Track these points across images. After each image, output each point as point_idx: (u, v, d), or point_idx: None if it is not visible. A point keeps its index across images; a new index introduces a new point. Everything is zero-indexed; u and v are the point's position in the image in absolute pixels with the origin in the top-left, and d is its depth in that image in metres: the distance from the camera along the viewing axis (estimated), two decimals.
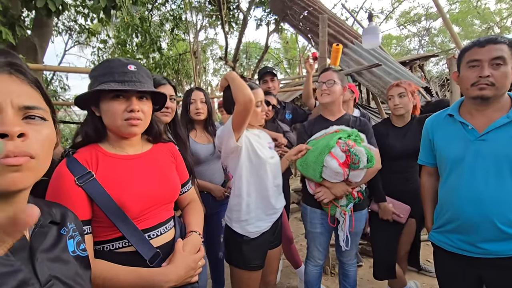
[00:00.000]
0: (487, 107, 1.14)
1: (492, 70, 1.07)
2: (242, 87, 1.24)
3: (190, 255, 0.93)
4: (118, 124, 0.89)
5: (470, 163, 1.15)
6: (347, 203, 1.66)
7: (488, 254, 1.12)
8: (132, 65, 0.91)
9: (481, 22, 17.29)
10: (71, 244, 0.62)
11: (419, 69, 5.25)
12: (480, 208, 1.11)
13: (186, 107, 1.93)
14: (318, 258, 1.86)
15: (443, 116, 1.30)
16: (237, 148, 1.35)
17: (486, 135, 1.12)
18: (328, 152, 1.56)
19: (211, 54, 16.25)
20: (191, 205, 1.16)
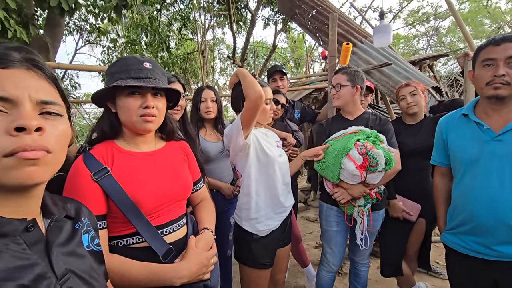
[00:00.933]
0: (503, 107, 1.12)
1: (508, 69, 1.05)
2: (253, 83, 1.25)
3: (203, 252, 0.94)
4: (134, 120, 0.90)
5: (485, 164, 1.12)
6: (365, 204, 1.64)
7: (503, 257, 1.09)
8: (147, 62, 0.92)
9: (492, 21, 16.95)
10: (86, 238, 0.62)
11: (429, 68, 5.18)
12: (496, 210, 1.08)
13: (196, 106, 1.94)
14: (333, 263, 1.77)
15: (458, 116, 1.28)
16: (245, 146, 1.35)
17: (502, 136, 1.10)
18: (346, 155, 1.53)
19: (218, 54, 16.30)
20: (203, 203, 1.17)
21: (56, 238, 0.55)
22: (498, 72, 1.06)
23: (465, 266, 1.22)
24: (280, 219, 1.44)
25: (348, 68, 1.77)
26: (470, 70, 1.23)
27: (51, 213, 0.57)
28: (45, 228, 0.55)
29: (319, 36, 4.34)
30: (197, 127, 1.95)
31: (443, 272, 2.45)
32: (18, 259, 0.46)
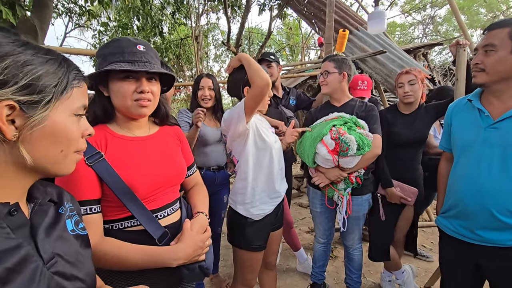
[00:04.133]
0: (502, 93, 1.11)
1: (484, 57, 1.10)
2: (259, 70, 1.24)
3: (198, 235, 0.96)
4: (128, 104, 0.90)
5: (478, 151, 1.14)
6: (345, 187, 1.71)
7: (485, 241, 1.12)
8: (141, 45, 0.90)
9: (487, 11, 16.90)
10: (69, 223, 0.62)
11: (423, 57, 5.18)
12: (480, 196, 1.11)
13: (195, 93, 1.99)
14: (320, 236, 2.00)
15: (464, 102, 1.28)
16: (245, 132, 1.36)
17: (499, 123, 1.10)
18: (320, 140, 1.59)
19: (212, 40, 15.97)
20: (196, 187, 1.19)
21: (41, 222, 0.54)
22: (475, 60, 1.13)
23: (453, 248, 1.27)
24: (274, 204, 1.47)
25: (335, 56, 1.80)
26: None
27: (34, 197, 0.56)
28: (29, 212, 0.54)
29: (315, 22, 4.29)
30: None
31: (429, 255, 2.56)
32: (1, 242, 0.44)
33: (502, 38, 1.05)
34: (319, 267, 2.07)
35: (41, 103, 0.49)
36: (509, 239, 1.07)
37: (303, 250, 2.45)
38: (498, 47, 1.06)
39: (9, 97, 0.45)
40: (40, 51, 0.51)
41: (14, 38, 0.48)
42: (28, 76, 0.47)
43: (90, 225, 0.80)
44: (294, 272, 2.45)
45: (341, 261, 2.48)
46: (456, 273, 1.27)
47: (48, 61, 0.51)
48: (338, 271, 2.38)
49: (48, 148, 0.52)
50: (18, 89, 0.46)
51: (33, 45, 0.50)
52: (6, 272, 0.43)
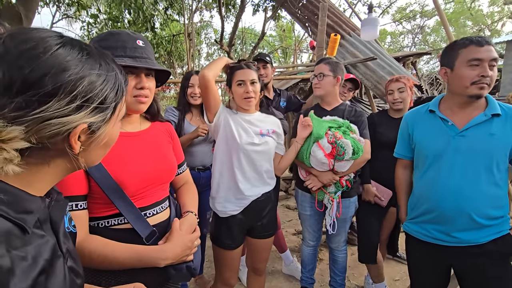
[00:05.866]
0: (469, 105, 1.19)
1: (489, 71, 1.11)
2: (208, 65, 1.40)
3: (186, 235, 0.95)
4: (128, 101, 0.89)
5: (449, 158, 1.20)
6: (336, 191, 1.73)
7: (460, 242, 1.19)
8: (140, 40, 0.90)
9: (473, 23, 17.56)
10: (66, 220, 0.62)
11: (412, 66, 5.33)
12: (458, 201, 1.17)
13: (184, 90, 1.96)
14: (309, 239, 1.98)
15: (423, 111, 1.33)
16: (213, 127, 1.46)
17: (465, 132, 1.17)
18: (316, 142, 1.60)
19: (205, 38, 15.86)
20: (186, 186, 1.17)
21: (61, 217, 0.55)
22: (486, 73, 1.09)
23: (423, 252, 1.32)
24: (240, 205, 1.44)
25: (330, 59, 1.81)
26: (442, 68, 1.24)
27: (49, 192, 0.55)
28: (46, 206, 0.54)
29: (308, 26, 4.32)
30: (184, 111, 1.96)
31: None
32: (36, 237, 0.45)
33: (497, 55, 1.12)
34: (308, 271, 2.07)
35: (105, 120, 0.49)
36: (482, 236, 1.16)
37: (289, 252, 2.46)
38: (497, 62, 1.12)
39: (84, 121, 0.45)
40: (101, 59, 0.49)
41: (78, 49, 0.46)
42: (99, 97, 0.46)
43: (76, 222, 0.78)
44: (280, 274, 2.45)
45: (326, 264, 2.50)
46: (427, 275, 1.33)
47: (110, 73, 0.49)
48: (323, 273, 2.40)
49: (100, 154, 0.55)
50: (91, 110, 0.45)
51: (94, 52, 0.48)
52: (48, 264, 0.44)
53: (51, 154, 0.46)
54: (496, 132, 1.14)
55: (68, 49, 0.44)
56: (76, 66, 0.43)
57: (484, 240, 1.17)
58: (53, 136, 0.42)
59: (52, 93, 0.41)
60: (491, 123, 1.15)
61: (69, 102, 0.42)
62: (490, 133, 1.14)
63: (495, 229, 1.17)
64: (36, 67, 0.40)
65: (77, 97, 0.43)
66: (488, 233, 1.17)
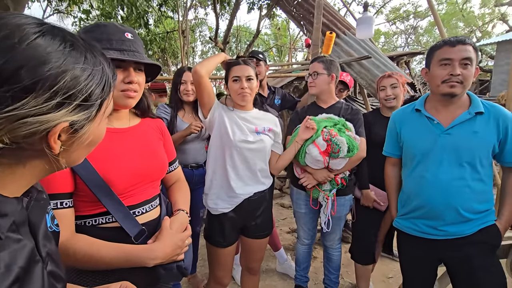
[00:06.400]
0: (451, 104, 1.23)
1: (462, 69, 1.15)
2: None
3: (177, 234, 0.92)
4: (114, 95, 0.85)
5: (436, 156, 1.24)
6: (331, 189, 1.72)
7: (447, 235, 1.24)
8: (129, 32, 0.87)
9: (465, 25, 17.81)
10: (48, 219, 0.58)
11: (405, 65, 5.36)
12: (446, 196, 1.21)
13: (176, 87, 1.93)
14: (304, 237, 1.97)
15: (410, 111, 1.37)
16: (205, 123, 1.46)
17: (451, 130, 1.22)
18: (312, 141, 1.59)
19: (199, 35, 15.76)
20: (178, 183, 1.15)
21: (40, 219, 0.50)
22: (455, 72, 1.15)
23: (414, 247, 1.35)
24: (231, 203, 1.43)
25: (324, 57, 1.80)
26: (423, 68, 1.31)
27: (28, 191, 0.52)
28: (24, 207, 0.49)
29: (303, 24, 4.32)
30: (176, 108, 1.93)
31: None
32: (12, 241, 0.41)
33: (473, 53, 1.16)
34: (303, 270, 2.06)
35: (89, 118, 0.45)
36: (468, 228, 1.22)
37: (283, 251, 2.45)
38: (473, 62, 1.16)
39: (65, 119, 0.40)
40: (87, 51, 0.44)
41: (60, 40, 0.41)
42: (83, 93, 0.42)
43: (61, 221, 0.75)
44: (274, 273, 2.44)
45: (320, 262, 2.50)
46: (419, 268, 1.37)
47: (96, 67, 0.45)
48: (317, 271, 2.40)
49: (83, 153, 0.51)
50: (73, 107, 0.41)
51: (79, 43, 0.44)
52: (23, 272, 0.41)
53: (27, 155, 0.41)
54: (479, 129, 1.18)
55: (48, 39, 0.39)
56: (57, 59, 0.39)
57: (470, 231, 1.22)
58: (30, 136, 0.38)
59: (29, 88, 0.36)
60: (474, 121, 1.19)
61: (48, 99, 0.38)
62: (474, 130, 1.19)
63: (481, 221, 1.23)
64: (11, 58, 0.36)
65: (57, 93, 0.38)
66: (474, 224, 1.22)
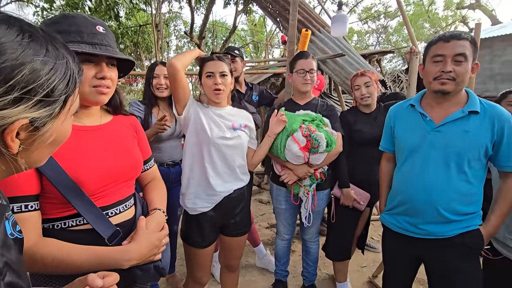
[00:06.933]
0: (446, 101, 1.19)
1: (454, 66, 1.10)
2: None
3: (153, 233, 0.90)
4: (85, 91, 0.82)
5: (424, 153, 1.21)
6: (311, 184, 1.75)
7: (428, 234, 1.22)
8: (100, 26, 0.83)
9: (430, 26, 18.83)
10: (8, 226, 0.53)
11: (377, 63, 5.58)
12: (428, 195, 1.19)
13: (148, 82, 1.86)
14: (284, 233, 1.98)
15: (406, 106, 1.35)
16: (180, 120, 1.42)
17: (441, 127, 1.18)
18: (291, 135, 1.61)
19: (174, 30, 15.30)
20: (153, 182, 1.12)
21: None
22: (446, 68, 1.11)
23: (396, 243, 1.36)
24: (211, 202, 1.40)
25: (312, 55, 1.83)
26: (420, 64, 1.27)
27: None
28: None
29: (279, 21, 4.33)
30: (150, 105, 1.86)
31: (376, 247, 2.76)
32: None
33: (469, 49, 1.10)
34: (283, 264, 2.08)
35: (52, 115, 0.41)
36: (448, 230, 1.19)
37: (262, 246, 2.47)
38: (468, 57, 1.10)
39: (23, 116, 0.37)
40: (48, 43, 0.41)
41: (18, 30, 0.37)
42: (45, 88, 0.38)
43: (26, 225, 0.71)
44: (253, 268, 2.46)
45: (298, 255, 2.55)
46: (398, 264, 1.37)
47: (59, 60, 0.41)
48: (296, 264, 2.45)
49: (45, 153, 0.48)
50: (34, 103, 0.37)
51: (39, 34, 0.40)
52: None
53: None
54: (471, 129, 1.13)
55: (3, 28, 0.36)
56: (14, 50, 0.36)
57: (451, 233, 1.18)
58: None
59: None
60: (468, 120, 1.14)
61: (4, 94, 0.35)
62: (465, 130, 1.14)
63: (464, 224, 1.18)
64: None
65: (14, 87, 0.36)
66: (456, 227, 1.18)
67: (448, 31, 1.17)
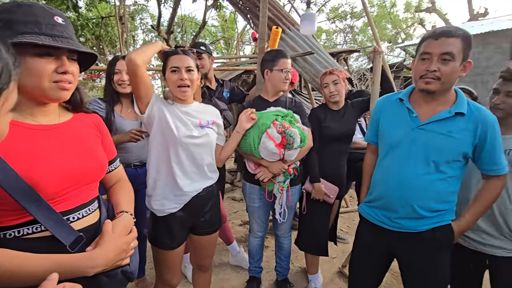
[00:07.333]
0: (433, 100, 1.17)
1: (440, 65, 1.07)
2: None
3: (121, 237, 0.86)
4: (45, 86, 0.75)
5: (405, 149, 1.20)
6: (284, 180, 1.78)
7: (401, 228, 1.24)
8: (58, 16, 0.77)
9: (392, 27, 19.95)
10: None
11: (344, 61, 5.79)
12: (403, 191, 1.20)
13: (109, 78, 1.75)
14: (257, 230, 2.00)
15: (394, 99, 1.31)
16: (143, 119, 1.34)
17: (426, 125, 1.17)
18: (265, 131, 1.61)
19: (140, 23, 14.63)
20: (120, 183, 1.06)
21: None
22: (430, 67, 1.08)
23: (370, 233, 1.38)
24: (180, 202, 1.37)
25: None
26: (413, 60, 1.23)
27: None
28: None
29: (250, 17, 4.31)
30: (112, 102, 1.76)
31: (345, 238, 2.90)
32: None
33: (458, 47, 1.06)
34: (256, 261, 2.09)
35: None
36: (421, 225, 1.21)
37: (236, 243, 2.47)
38: (456, 57, 1.06)
39: None
40: None
41: None
42: None
43: None
44: (227, 266, 2.46)
45: (271, 250, 2.59)
46: (370, 255, 1.38)
47: None
48: (269, 260, 2.49)
49: None
50: None
51: None
52: None
53: None
54: (455, 131, 1.13)
55: None
56: None
57: (423, 228, 1.20)
58: None
59: None
60: (453, 121, 1.13)
61: None
62: (449, 130, 1.13)
63: (436, 219, 1.20)
64: None
65: None
66: (428, 222, 1.20)
67: (440, 27, 1.13)
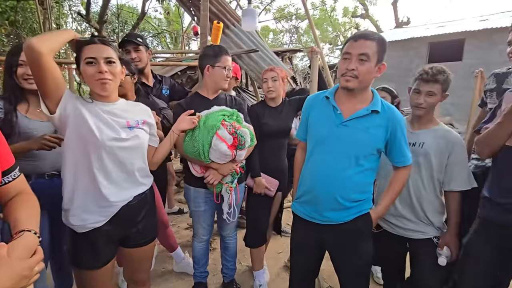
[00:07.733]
0: (354, 97, 1.28)
1: (358, 65, 1.18)
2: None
3: (19, 262, 0.70)
4: None
5: (330, 145, 1.29)
6: (232, 179, 1.74)
7: (329, 221, 1.32)
8: None
9: (332, 30, 21.41)
10: None
11: (288, 60, 5.96)
12: (328, 185, 1.28)
13: (10, 70, 1.43)
14: (203, 234, 1.91)
15: (321, 97, 1.38)
16: (54, 121, 1.14)
17: (348, 122, 1.26)
18: (215, 133, 1.54)
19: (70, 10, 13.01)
20: (19, 197, 0.87)
21: None
22: (349, 66, 1.19)
23: (303, 229, 1.44)
24: (105, 214, 1.20)
25: None
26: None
27: None
28: None
29: (193, 11, 4.14)
30: (14, 100, 1.43)
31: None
32: None
33: (373, 49, 1.18)
34: (202, 266, 2.00)
35: None
36: (345, 216, 1.31)
37: (180, 250, 2.33)
38: (371, 58, 1.18)
39: None
40: None
41: None
42: None
43: None
44: (171, 274, 2.31)
45: (218, 252, 2.51)
46: (305, 250, 1.45)
47: None
48: (216, 262, 2.41)
49: None
50: None
51: None
52: None
53: None
54: (371, 127, 1.24)
55: None
56: None
57: (348, 218, 1.31)
58: None
59: None
60: (370, 118, 1.25)
61: None
62: (367, 126, 1.24)
63: (357, 209, 1.31)
64: None
65: None
66: (351, 212, 1.30)
67: (360, 31, 1.22)
